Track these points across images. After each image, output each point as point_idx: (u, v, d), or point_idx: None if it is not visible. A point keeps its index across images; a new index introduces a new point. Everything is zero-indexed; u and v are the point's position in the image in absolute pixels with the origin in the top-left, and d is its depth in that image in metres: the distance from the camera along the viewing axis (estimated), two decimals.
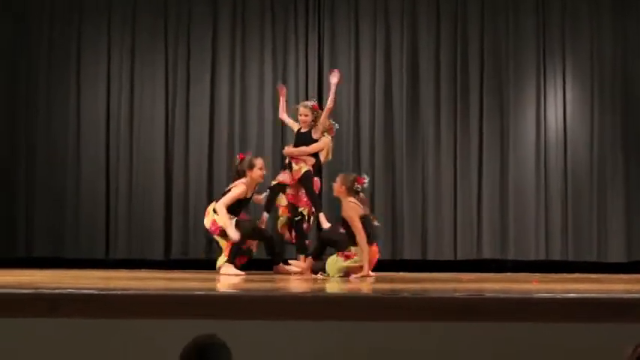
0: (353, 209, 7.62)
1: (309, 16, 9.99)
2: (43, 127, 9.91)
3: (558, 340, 4.51)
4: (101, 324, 4.54)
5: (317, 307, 4.63)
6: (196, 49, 9.98)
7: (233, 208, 7.91)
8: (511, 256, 9.56)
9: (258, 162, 8.08)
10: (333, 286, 6.71)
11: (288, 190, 8.38)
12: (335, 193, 7.87)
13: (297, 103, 9.83)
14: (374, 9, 9.95)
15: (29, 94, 9.95)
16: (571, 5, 9.86)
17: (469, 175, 9.66)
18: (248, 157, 8.14)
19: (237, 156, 8.36)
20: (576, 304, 4.75)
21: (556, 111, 9.81)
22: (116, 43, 10.01)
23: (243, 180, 7.99)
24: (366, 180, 7.92)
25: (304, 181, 8.30)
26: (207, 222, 7.97)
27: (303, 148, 8.42)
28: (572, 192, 9.70)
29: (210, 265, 8.34)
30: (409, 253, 9.45)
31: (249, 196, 8.08)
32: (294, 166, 8.37)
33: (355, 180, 7.78)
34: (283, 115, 8.83)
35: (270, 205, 8.39)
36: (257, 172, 8.02)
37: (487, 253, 9.55)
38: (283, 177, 8.39)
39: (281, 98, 8.84)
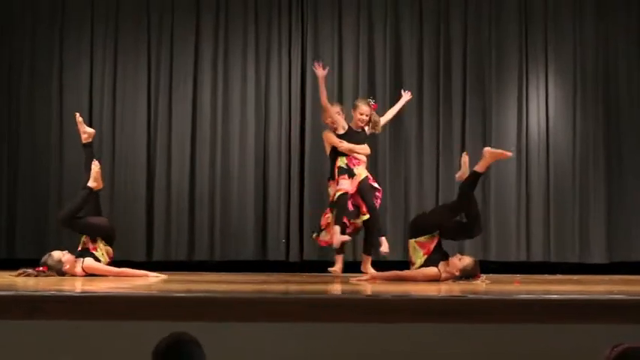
0: None
1: (292, 16, 9.98)
2: (26, 130, 9.87)
3: (540, 341, 4.52)
4: (81, 326, 4.52)
5: (296, 308, 4.62)
6: (179, 50, 9.95)
7: None
8: (492, 257, 9.57)
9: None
10: (317, 288, 6.69)
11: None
12: None
13: (281, 103, 9.86)
14: (357, 10, 9.95)
15: (12, 97, 9.92)
16: (553, 8, 9.88)
17: (451, 177, 9.66)
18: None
19: None
20: (558, 305, 4.76)
21: (538, 113, 9.83)
22: (98, 44, 9.98)
23: None
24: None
25: (365, 191, 8.16)
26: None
27: (362, 147, 8.32)
28: (554, 194, 9.72)
29: (191, 266, 8.34)
30: (392, 254, 9.42)
31: None
32: (355, 171, 8.20)
33: None
34: (327, 103, 8.41)
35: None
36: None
37: (468, 253, 9.53)
38: (346, 185, 8.14)
39: (321, 81, 8.27)
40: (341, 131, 8.31)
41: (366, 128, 8.41)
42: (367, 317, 4.61)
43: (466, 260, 7.44)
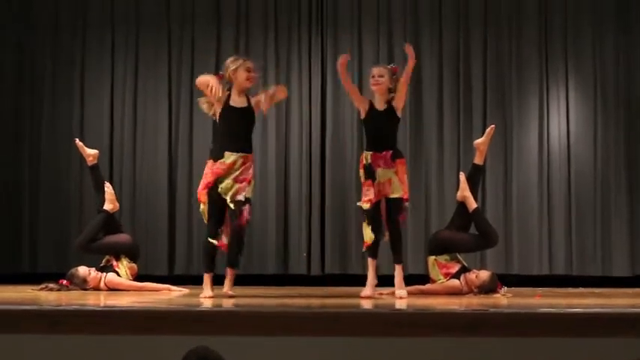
0: None
1: (311, 28, 10.00)
2: (48, 141, 9.95)
3: (562, 356, 4.50)
4: (103, 340, 4.53)
5: (318, 323, 4.62)
6: (200, 61, 9.98)
7: None
8: (514, 270, 9.53)
9: None
10: (339, 302, 6.68)
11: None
12: None
13: (301, 114, 9.85)
14: (377, 23, 9.96)
15: (34, 106, 10.01)
16: (573, 19, 9.86)
17: (473, 193, 9.63)
18: None
19: None
20: (581, 319, 4.73)
21: (559, 126, 9.80)
22: (120, 55, 10.05)
23: None
24: None
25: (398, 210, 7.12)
26: None
27: None
28: (576, 206, 9.68)
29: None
30: (412, 266, 9.38)
31: None
32: (379, 172, 7.04)
33: None
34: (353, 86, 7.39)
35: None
36: None
37: (490, 268, 9.51)
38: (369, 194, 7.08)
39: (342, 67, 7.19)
40: (363, 116, 7.25)
41: (394, 104, 7.14)
42: (389, 331, 4.60)
43: (482, 276, 7.44)
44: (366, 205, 7.04)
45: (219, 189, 6.89)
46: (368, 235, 7.05)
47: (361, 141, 9.70)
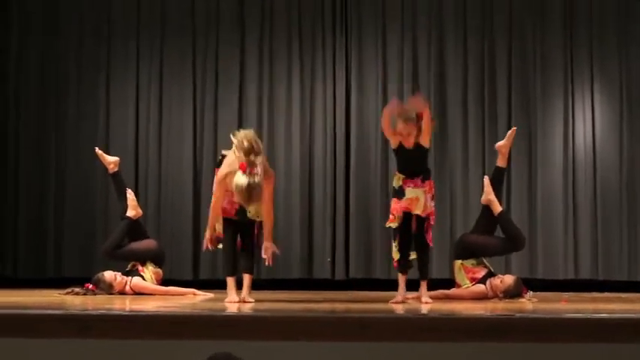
0: None
1: (336, 37, 10.01)
2: (73, 144, 10.01)
3: None
4: (128, 345, 4.55)
5: (340, 328, 4.61)
6: (224, 70, 10.02)
7: None
8: (539, 275, 9.50)
9: None
10: (363, 307, 6.68)
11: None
12: None
13: (325, 120, 9.86)
14: (401, 28, 9.96)
15: (59, 112, 10.07)
16: (599, 27, 9.81)
17: (497, 196, 9.60)
18: None
19: None
20: (607, 324, 4.71)
21: (584, 132, 9.76)
22: (145, 61, 10.10)
23: None
24: None
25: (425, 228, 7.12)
26: None
27: None
28: (602, 211, 9.63)
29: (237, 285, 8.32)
30: (437, 270, 9.36)
31: None
32: (408, 191, 7.06)
33: None
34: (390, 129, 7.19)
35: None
36: None
37: (515, 272, 9.48)
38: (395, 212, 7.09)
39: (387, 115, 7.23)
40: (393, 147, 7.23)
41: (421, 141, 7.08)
42: (414, 336, 4.59)
43: (507, 281, 7.42)
44: (393, 224, 7.07)
45: (249, 212, 6.96)
46: (395, 252, 7.09)
47: (385, 145, 9.71)
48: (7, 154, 10.05)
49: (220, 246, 7.19)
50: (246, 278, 6.97)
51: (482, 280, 7.56)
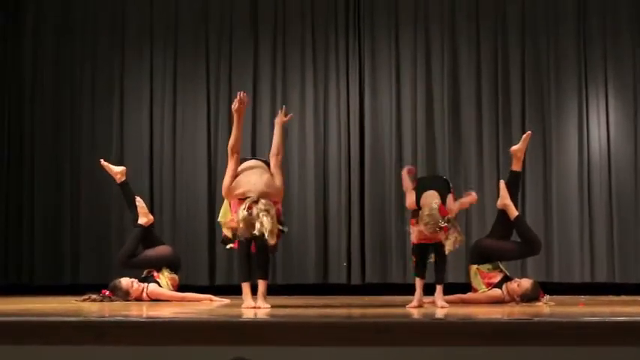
0: None
1: (349, 40, 10.02)
2: (88, 151, 10.06)
3: None
4: (145, 351, 4.55)
5: (356, 332, 4.61)
6: (238, 74, 10.05)
7: None
8: (556, 278, 9.48)
9: None
10: (380, 312, 6.66)
11: None
12: None
13: (339, 123, 9.86)
14: (414, 31, 9.96)
15: (74, 118, 10.12)
16: (612, 28, 9.79)
17: (513, 200, 9.58)
18: None
19: None
20: (625, 327, 4.69)
21: (599, 133, 9.74)
22: (158, 67, 10.14)
23: None
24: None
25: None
26: None
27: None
28: (617, 213, 9.61)
29: (253, 290, 8.33)
30: (453, 275, 9.35)
31: None
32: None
33: None
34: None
35: None
36: None
37: (531, 276, 9.45)
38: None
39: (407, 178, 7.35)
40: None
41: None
42: (430, 340, 4.58)
43: (524, 285, 7.40)
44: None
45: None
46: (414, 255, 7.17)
47: (400, 148, 9.72)
48: (23, 161, 10.09)
49: (228, 247, 7.20)
50: (261, 284, 6.94)
51: (499, 285, 7.54)
